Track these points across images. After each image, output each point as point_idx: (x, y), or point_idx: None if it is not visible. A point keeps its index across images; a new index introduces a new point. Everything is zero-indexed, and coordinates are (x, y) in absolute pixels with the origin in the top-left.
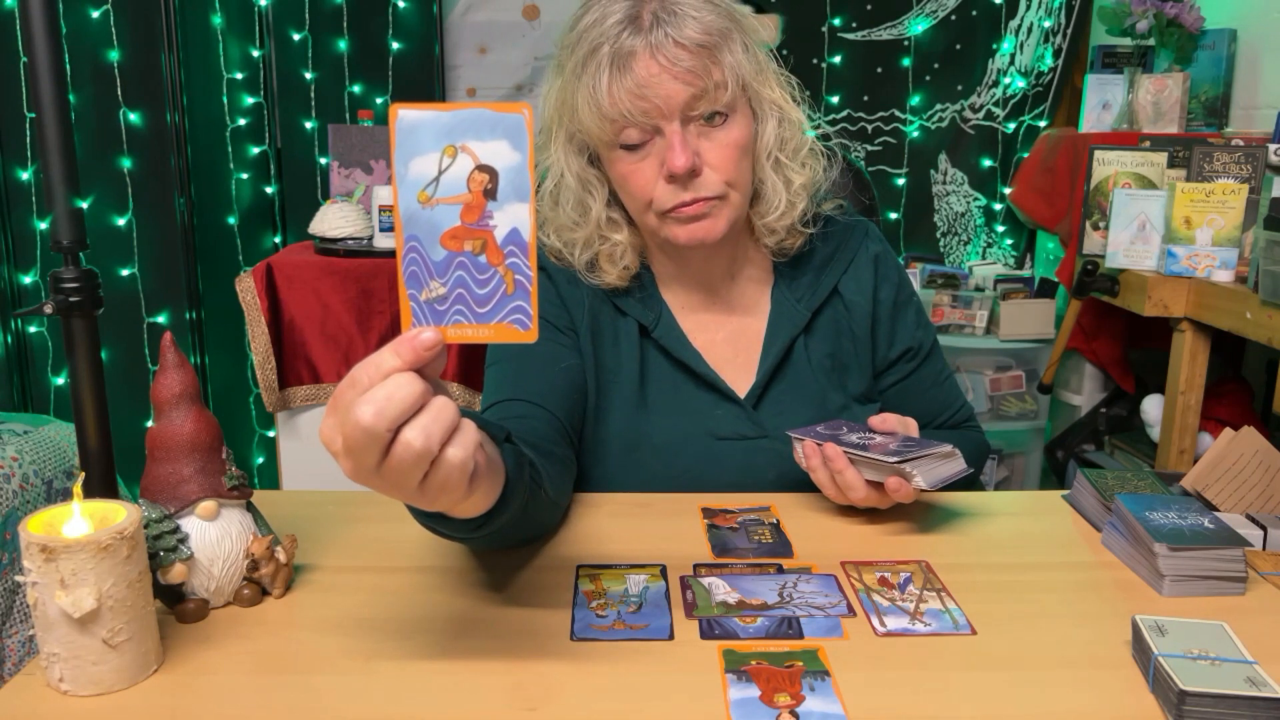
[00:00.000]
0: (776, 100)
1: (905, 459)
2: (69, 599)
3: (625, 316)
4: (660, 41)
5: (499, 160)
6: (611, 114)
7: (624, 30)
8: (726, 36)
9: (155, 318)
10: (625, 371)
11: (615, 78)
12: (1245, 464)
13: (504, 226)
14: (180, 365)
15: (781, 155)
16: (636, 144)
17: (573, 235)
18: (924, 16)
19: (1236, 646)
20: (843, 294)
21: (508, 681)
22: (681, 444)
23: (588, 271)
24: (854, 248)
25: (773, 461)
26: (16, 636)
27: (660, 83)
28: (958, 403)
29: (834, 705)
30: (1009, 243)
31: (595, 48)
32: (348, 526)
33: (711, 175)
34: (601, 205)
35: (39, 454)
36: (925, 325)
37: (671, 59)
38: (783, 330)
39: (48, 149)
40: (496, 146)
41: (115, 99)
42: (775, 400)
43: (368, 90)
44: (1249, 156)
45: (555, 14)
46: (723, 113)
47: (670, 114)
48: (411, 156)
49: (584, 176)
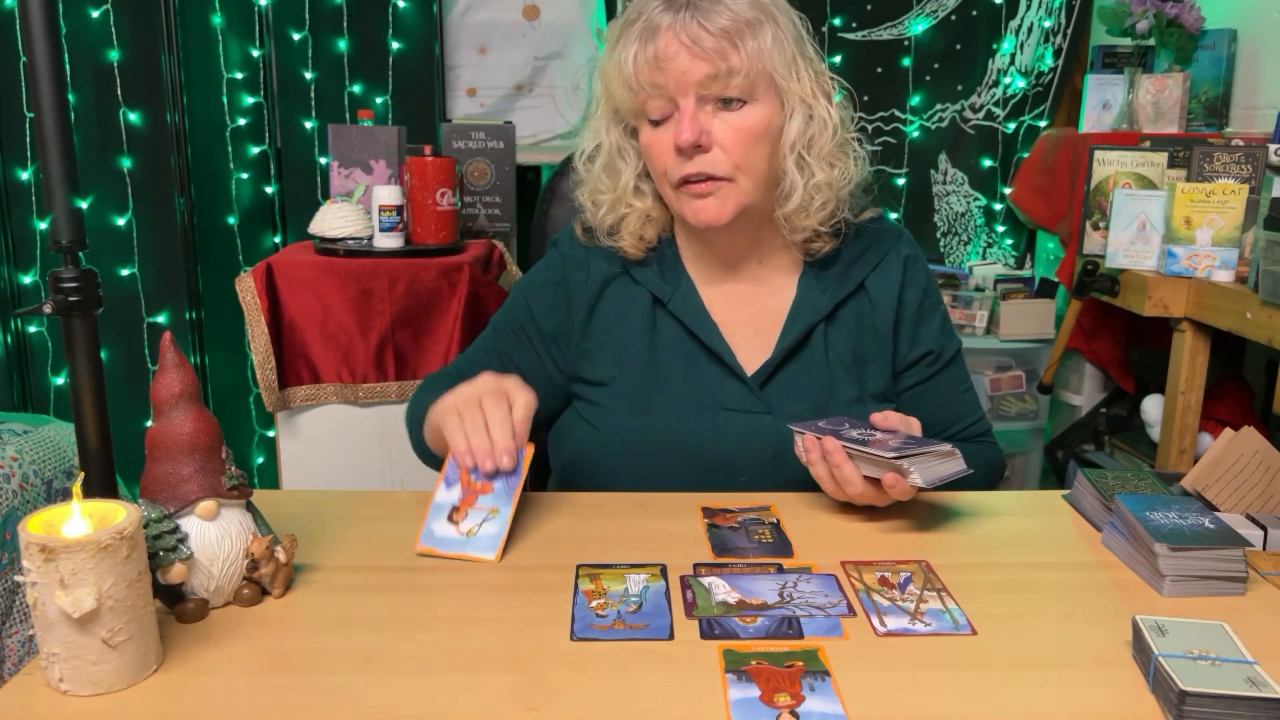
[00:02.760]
0: (806, 98)
1: (903, 455)
2: (69, 599)
3: (639, 286)
4: (684, 21)
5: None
6: (633, 84)
7: (660, 7)
8: (754, 26)
9: (155, 318)
10: (631, 340)
11: (640, 49)
12: (1245, 464)
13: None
14: (180, 365)
15: (806, 152)
16: (659, 119)
17: (601, 197)
18: (924, 16)
19: (1236, 646)
20: (869, 290)
21: (508, 681)
22: (685, 409)
23: (609, 235)
24: (885, 248)
25: (771, 438)
26: (16, 636)
27: (677, 59)
28: (975, 415)
29: (834, 705)
30: (1009, 243)
31: (632, 20)
32: (348, 526)
33: (720, 154)
34: (631, 173)
35: (39, 454)
36: (950, 333)
37: (692, 38)
38: (804, 315)
39: (47, 149)
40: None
41: (115, 99)
42: (784, 382)
43: (368, 90)
44: (1249, 156)
45: (555, 14)
46: (740, 98)
47: (684, 89)
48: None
49: (620, 145)
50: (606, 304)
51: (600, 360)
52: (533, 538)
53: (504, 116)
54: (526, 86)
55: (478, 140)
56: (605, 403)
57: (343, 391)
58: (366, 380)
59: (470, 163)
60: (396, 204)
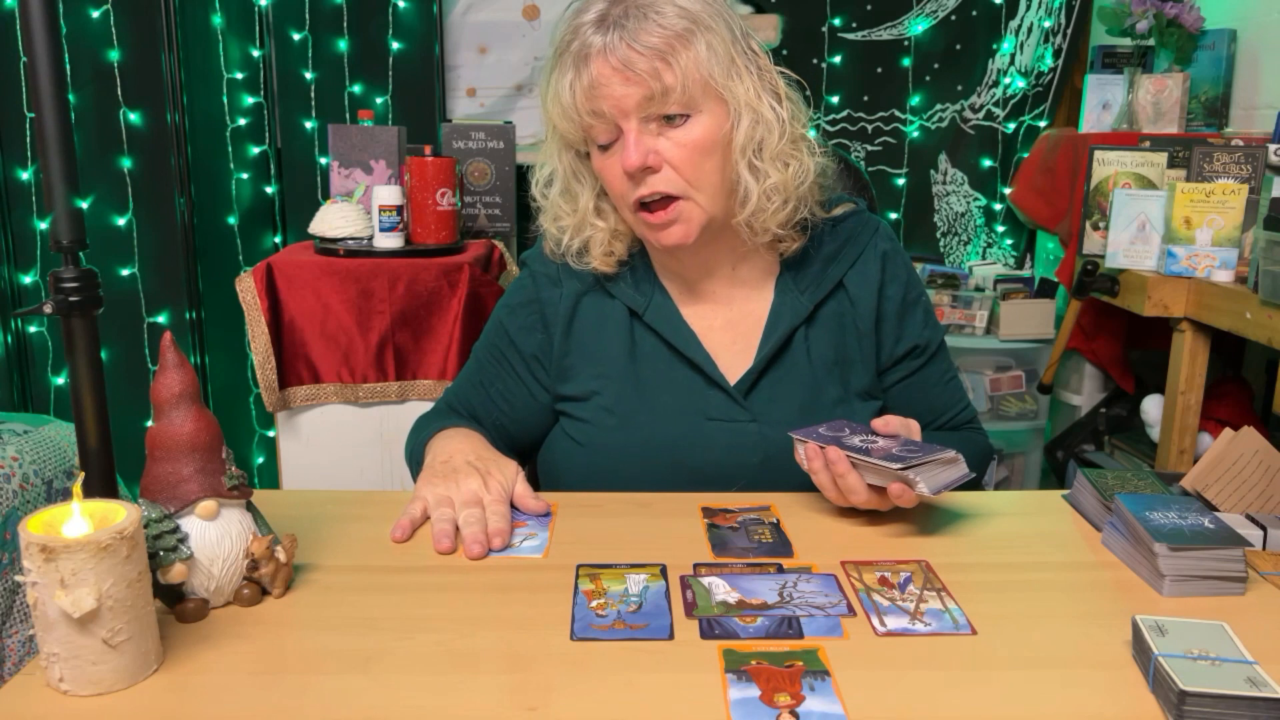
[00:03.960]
0: (750, 101)
1: (909, 465)
2: (69, 599)
3: (613, 300)
4: (613, 44)
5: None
6: (572, 114)
7: (590, 29)
8: (685, 38)
9: (155, 318)
10: (611, 352)
11: (575, 77)
12: (1245, 464)
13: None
14: (180, 365)
15: (756, 155)
16: (606, 144)
17: (564, 223)
18: (924, 16)
19: (1236, 646)
20: (848, 289)
21: (508, 681)
22: (671, 421)
23: (578, 258)
24: (862, 244)
25: (759, 445)
26: (16, 636)
27: (610, 85)
28: (961, 404)
29: (834, 705)
30: (1009, 243)
31: (566, 45)
32: (348, 526)
33: (670, 173)
34: (590, 195)
35: (39, 454)
36: (933, 325)
37: (622, 61)
38: (783, 319)
39: (48, 149)
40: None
41: (115, 99)
42: (768, 388)
43: (368, 90)
44: (1249, 156)
45: (555, 14)
46: (682, 113)
47: (623, 114)
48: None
49: (574, 168)
50: (583, 317)
51: (582, 374)
52: None
53: (504, 116)
54: (526, 86)
55: (478, 140)
56: (590, 418)
57: (343, 391)
58: (366, 380)
59: (470, 163)
60: (396, 204)
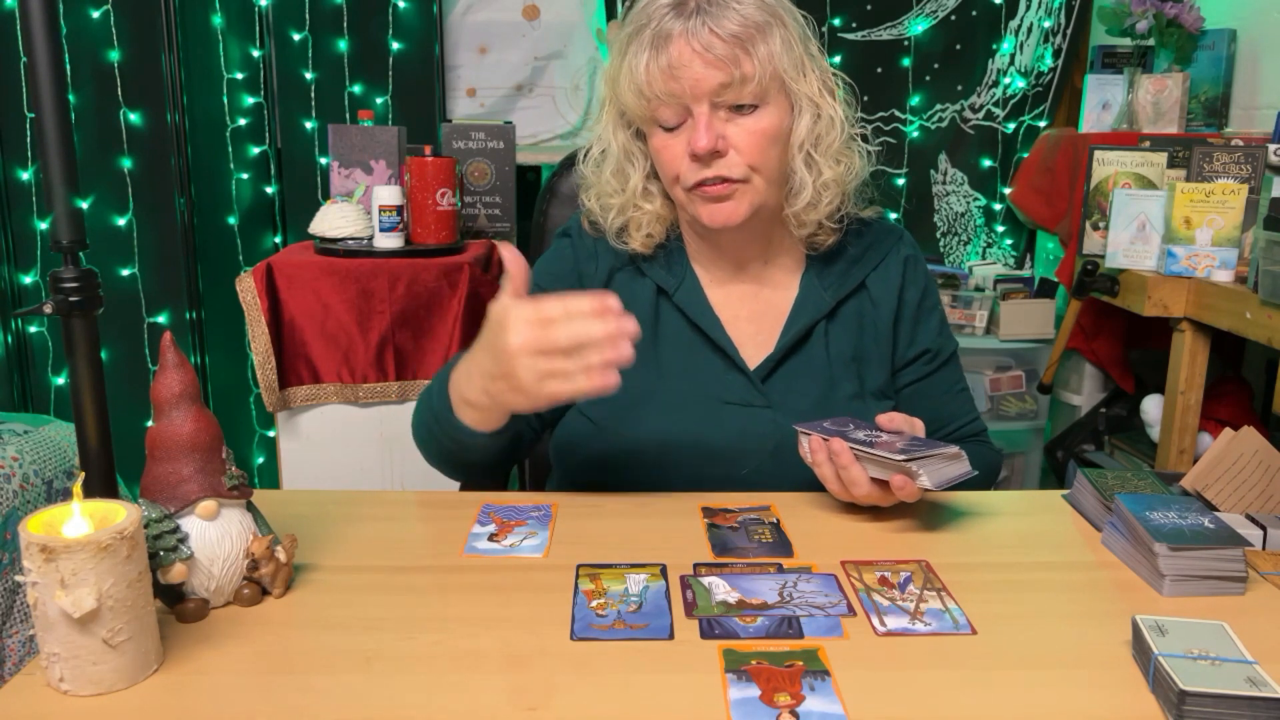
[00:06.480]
0: (814, 97)
1: (911, 458)
2: (69, 599)
3: (644, 278)
4: (696, 28)
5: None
6: (646, 92)
7: (668, 14)
8: (764, 31)
9: (155, 318)
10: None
11: (652, 57)
12: (1245, 464)
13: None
14: (180, 365)
15: (814, 150)
16: (673, 125)
17: (610, 201)
18: (924, 17)
19: (1236, 646)
20: (870, 289)
21: (508, 681)
22: (687, 402)
23: (617, 236)
24: (886, 248)
25: (772, 431)
26: (16, 636)
27: (691, 67)
28: (969, 415)
29: (834, 705)
30: (1009, 243)
31: (641, 27)
32: (348, 526)
33: (735, 158)
34: (640, 176)
35: (39, 454)
36: (947, 335)
37: (704, 45)
38: (806, 312)
39: (48, 149)
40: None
41: (115, 99)
42: (786, 377)
43: (368, 90)
44: (1249, 156)
45: (555, 14)
46: (752, 103)
47: (698, 97)
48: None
49: (628, 148)
50: (614, 292)
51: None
52: None
53: (504, 116)
54: (526, 86)
55: (478, 140)
56: (606, 396)
57: (343, 391)
58: (367, 380)
59: (470, 163)
60: (396, 204)
